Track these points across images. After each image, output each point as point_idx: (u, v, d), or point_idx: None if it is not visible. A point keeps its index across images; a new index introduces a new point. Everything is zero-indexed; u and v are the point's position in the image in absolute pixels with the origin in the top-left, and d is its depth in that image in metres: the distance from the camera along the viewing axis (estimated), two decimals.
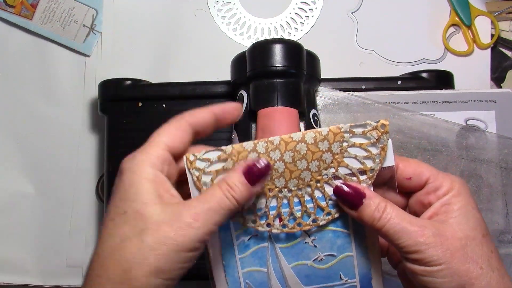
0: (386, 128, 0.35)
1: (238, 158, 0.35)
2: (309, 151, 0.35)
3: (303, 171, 0.36)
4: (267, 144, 0.35)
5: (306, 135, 0.35)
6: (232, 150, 0.35)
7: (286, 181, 0.36)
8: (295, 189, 0.36)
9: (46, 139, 0.61)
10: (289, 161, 0.35)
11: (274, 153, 0.35)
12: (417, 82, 0.55)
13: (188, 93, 0.54)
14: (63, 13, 0.62)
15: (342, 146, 0.35)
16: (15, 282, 0.59)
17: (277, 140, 0.35)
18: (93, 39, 0.62)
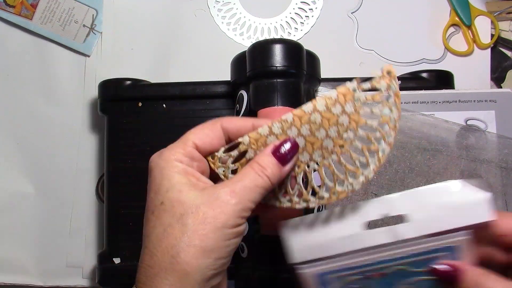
0: (393, 73, 0.34)
1: (258, 146, 0.35)
2: (324, 119, 0.35)
3: (324, 139, 0.35)
4: (281, 124, 0.35)
5: (317, 104, 0.35)
6: (250, 139, 0.35)
7: (310, 154, 0.35)
8: (322, 159, 0.35)
9: (46, 139, 0.61)
10: (307, 134, 0.35)
11: (291, 130, 0.35)
12: (417, 82, 0.54)
13: (188, 93, 0.54)
14: (63, 13, 0.62)
15: (356, 105, 0.34)
16: (15, 282, 0.59)
17: (290, 117, 0.35)
18: (93, 39, 0.62)
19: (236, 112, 0.48)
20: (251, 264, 0.45)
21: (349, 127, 0.35)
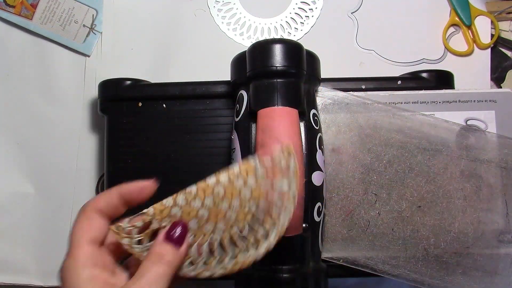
0: (291, 151, 0.37)
1: (162, 216, 0.37)
2: (227, 191, 0.37)
3: (228, 211, 0.37)
4: (185, 196, 0.37)
5: (221, 177, 0.37)
6: (154, 210, 0.37)
7: (214, 224, 0.37)
8: (225, 229, 0.37)
9: (46, 139, 0.61)
10: (211, 205, 0.37)
11: (195, 201, 0.37)
12: (417, 82, 0.54)
13: (188, 93, 0.54)
14: (63, 13, 0.62)
15: (257, 179, 0.37)
16: (15, 282, 0.59)
17: (194, 189, 0.37)
18: (93, 39, 0.62)
19: (236, 112, 0.48)
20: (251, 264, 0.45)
21: (251, 199, 0.37)
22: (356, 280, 0.59)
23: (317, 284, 0.45)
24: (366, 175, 0.51)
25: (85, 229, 0.36)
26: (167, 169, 0.53)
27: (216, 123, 0.54)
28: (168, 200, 0.37)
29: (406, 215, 0.50)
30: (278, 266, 0.44)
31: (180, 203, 0.37)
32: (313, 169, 0.46)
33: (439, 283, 0.49)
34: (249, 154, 0.45)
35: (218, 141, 0.53)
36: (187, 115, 0.54)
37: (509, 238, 0.51)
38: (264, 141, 0.44)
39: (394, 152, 0.51)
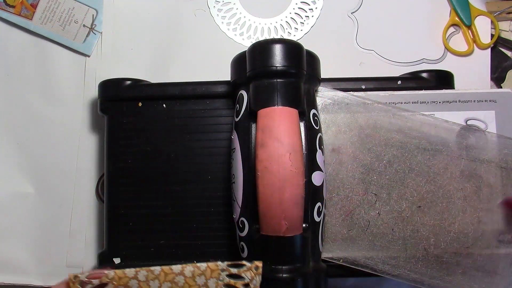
0: (259, 270, 0.38)
1: (119, 283, 0.37)
2: (186, 284, 0.37)
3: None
4: (148, 273, 0.37)
5: (186, 269, 0.37)
6: (114, 275, 0.37)
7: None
8: None
9: (46, 139, 0.61)
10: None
11: (154, 282, 0.37)
12: (417, 82, 0.55)
13: (188, 93, 0.54)
14: (63, 13, 0.62)
15: (218, 283, 0.38)
16: (15, 282, 0.59)
17: (157, 270, 0.37)
18: (93, 39, 0.62)
19: (236, 112, 0.48)
20: None
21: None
22: (356, 280, 0.59)
23: (317, 284, 0.45)
24: (366, 175, 0.51)
25: None
26: (167, 169, 0.53)
27: (216, 123, 0.54)
28: (130, 271, 0.38)
29: (406, 215, 0.50)
30: (278, 266, 0.44)
31: (140, 278, 0.37)
32: (313, 169, 0.46)
33: (439, 283, 0.49)
34: (249, 154, 0.45)
35: (218, 141, 0.53)
36: (187, 115, 0.54)
37: (509, 238, 0.51)
38: (264, 141, 0.44)
39: (394, 152, 0.51)
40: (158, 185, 0.53)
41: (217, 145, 0.53)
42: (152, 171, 0.53)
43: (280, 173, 0.43)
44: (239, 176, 0.46)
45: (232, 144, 0.48)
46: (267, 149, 0.43)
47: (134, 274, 0.37)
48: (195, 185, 0.53)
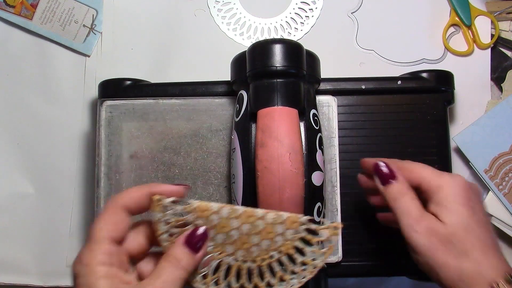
0: (337, 230, 0.38)
1: (199, 216, 0.37)
2: (265, 230, 0.38)
3: (253, 245, 0.38)
4: (230, 211, 0.37)
5: (267, 215, 0.38)
6: (198, 206, 0.37)
7: (235, 249, 0.38)
8: (240, 259, 0.38)
9: (46, 139, 0.61)
10: (244, 232, 0.37)
11: (234, 221, 0.37)
12: (417, 82, 0.55)
13: (188, 93, 0.54)
14: (63, 13, 0.62)
15: (295, 236, 0.38)
16: (15, 282, 0.59)
17: (240, 210, 0.37)
18: (93, 39, 0.62)
19: (236, 112, 0.48)
20: None
21: (279, 248, 0.38)
22: (356, 280, 0.59)
23: (317, 284, 0.45)
24: (168, 171, 0.52)
25: (108, 226, 0.36)
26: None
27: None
28: (214, 205, 0.37)
29: (216, 199, 0.52)
30: None
31: (222, 214, 0.37)
32: (313, 169, 0.46)
33: None
34: (249, 154, 0.45)
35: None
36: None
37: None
38: (264, 141, 0.44)
39: (189, 142, 0.53)
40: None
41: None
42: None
43: (280, 173, 0.43)
44: (239, 176, 0.46)
45: (232, 144, 0.48)
46: (267, 149, 0.43)
47: (217, 209, 0.37)
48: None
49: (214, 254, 0.38)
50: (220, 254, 0.38)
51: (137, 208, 0.37)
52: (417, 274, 0.53)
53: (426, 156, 0.53)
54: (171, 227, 0.37)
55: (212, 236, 0.37)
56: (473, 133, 0.57)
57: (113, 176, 0.52)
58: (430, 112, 0.54)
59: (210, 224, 0.37)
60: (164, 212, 0.37)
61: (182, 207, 0.37)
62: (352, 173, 0.53)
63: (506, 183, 0.56)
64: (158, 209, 0.37)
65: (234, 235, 0.37)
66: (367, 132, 0.54)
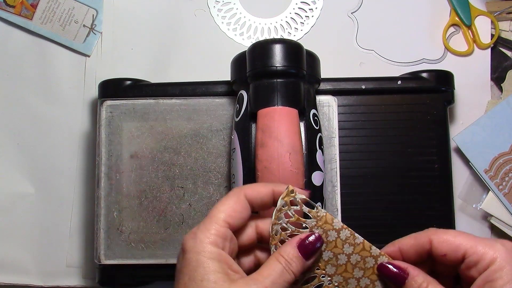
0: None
1: (320, 225, 0.36)
2: (372, 269, 0.37)
3: (354, 278, 0.37)
4: (350, 236, 0.37)
5: (380, 257, 0.37)
6: (323, 216, 0.36)
7: (335, 273, 0.37)
8: (335, 284, 0.37)
9: (46, 139, 0.61)
10: (352, 262, 0.37)
11: (348, 247, 0.37)
12: (417, 82, 0.55)
13: (188, 93, 0.54)
14: (63, 13, 0.62)
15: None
16: (15, 282, 0.59)
17: (359, 240, 0.37)
18: (93, 39, 0.62)
19: (236, 112, 0.48)
20: None
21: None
22: None
23: None
24: (169, 171, 0.52)
25: (229, 211, 0.35)
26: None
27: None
28: (338, 223, 0.37)
29: (216, 199, 0.52)
30: None
31: (342, 236, 0.37)
32: (313, 169, 0.46)
33: None
34: (249, 154, 0.45)
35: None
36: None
37: None
38: (264, 141, 0.44)
39: (189, 142, 0.53)
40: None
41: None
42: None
43: (280, 173, 0.43)
44: (239, 176, 0.46)
45: (232, 144, 0.48)
46: (267, 149, 0.43)
47: (339, 228, 0.36)
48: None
49: (314, 267, 0.37)
50: (318, 270, 0.37)
51: (259, 203, 0.37)
52: None
53: (426, 156, 0.53)
54: (289, 222, 0.36)
55: (322, 249, 0.37)
56: (473, 133, 0.57)
57: (113, 176, 0.52)
58: (430, 112, 0.54)
59: (325, 238, 0.37)
60: (288, 207, 0.36)
61: (308, 209, 0.36)
62: (352, 173, 0.53)
63: (506, 183, 0.56)
64: (286, 198, 0.36)
65: (341, 259, 0.37)
66: (367, 132, 0.54)
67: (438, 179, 0.53)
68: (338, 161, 0.51)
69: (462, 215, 0.58)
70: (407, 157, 0.53)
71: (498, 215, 0.56)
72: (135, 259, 0.52)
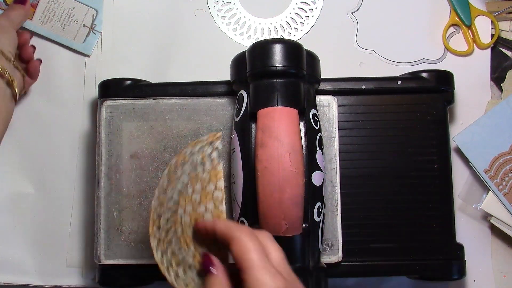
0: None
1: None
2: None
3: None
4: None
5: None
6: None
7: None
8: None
9: (46, 139, 0.61)
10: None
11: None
12: (417, 82, 0.55)
13: (188, 93, 0.54)
14: (63, 13, 0.62)
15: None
16: (15, 282, 0.59)
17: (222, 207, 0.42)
18: (93, 39, 0.62)
19: (236, 112, 0.48)
20: None
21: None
22: (356, 280, 0.59)
23: (317, 284, 0.45)
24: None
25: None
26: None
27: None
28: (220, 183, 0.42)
29: None
30: None
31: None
32: (313, 169, 0.46)
33: None
34: (249, 154, 0.45)
35: None
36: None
37: None
38: (264, 141, 0.44)
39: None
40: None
41: None
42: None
43: (280, 173, 0.43)
44: (239, 176, 0.46)
45: (232, 144, 0.48)
46: (267, 149, 0.43)
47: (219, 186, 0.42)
48: None
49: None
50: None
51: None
52: (417, 274, 0.53)
53: (426, 156, 0.53)
54: None
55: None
56: (473, 133, 0.57)
57: (113, 176, 0.52)
58: (430, 112, 0.54)
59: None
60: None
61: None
62: (352, 173, 0.53)
63: (506, 183, 0.56)
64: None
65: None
66: (367, 132, 0.54)
67: (438, 179, 0.53)
68: (338, 161, 0.51)
69: (462, 215, 0.58)
70: (407, 157, 0.53)
71: (498, 215, 0.56)
72: (135, 259, 0.52)
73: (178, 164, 0.42)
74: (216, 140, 0.43)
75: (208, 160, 0.42)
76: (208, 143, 0.43)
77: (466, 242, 0.54)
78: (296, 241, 0.44)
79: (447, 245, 0.52)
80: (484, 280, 0.58)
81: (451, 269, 0.52)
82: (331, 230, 0.51)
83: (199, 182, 0.42)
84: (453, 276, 0.53)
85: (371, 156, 0.54)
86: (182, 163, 0.42)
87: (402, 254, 0.52)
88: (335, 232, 0.51)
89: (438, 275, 0.52)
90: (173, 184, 0.42)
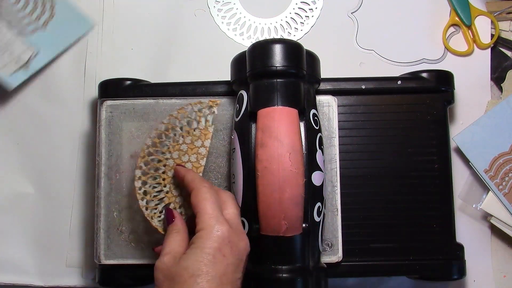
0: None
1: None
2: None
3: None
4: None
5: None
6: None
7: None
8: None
9: (46, 139, 0.61)
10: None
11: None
12: (417, 82, 0.55)
13: (188, 93, 0.54)
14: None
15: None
16: (15, 282, 0.59)
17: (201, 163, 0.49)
18: (23, 75, 0.59)
19: (236, 112, 0.48)
20: (251, 264, 0.45)
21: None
22: (356, 280, 0.59)
23: (317, 284, 0.45)
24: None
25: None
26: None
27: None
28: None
29: None
30: (278, 266, 0.44)
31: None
32: (313, 169, 0.46)
33: None
34: (249, 154, 0.45)
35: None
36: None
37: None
38: (264, 141, 0.44)
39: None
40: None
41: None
42: None
43: (280, 173, 0.43)
44: (239, 176, 0.46)
45: (232, 144, 0.48)
46: (267, 149, 0.43)
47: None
48: None
49: None
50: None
51: None
52: (417, 274, 0.53)
53: (426, 156, 0.53)
54: None
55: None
56: (473, 133, 0.57)
57: (113, 176, 0.52)
58: (430, 112, 0.54)
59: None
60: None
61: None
62: (352, 173, 0.53)
63: (506, 183, 0.56)
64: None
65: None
66: (367, 132, 0.54)
67: (438, 179, 0.53)
68: (338, 161, 0.51)
69: (462, 215, 0.58)
70: (407, 157, 0.53)
71: (498, 215, 0.56)
72: (135, 259, 0.52)
73: (179, 115, 0.50)
74: (215, 106, 0.51)
75: (203, 120, 0.50)
76: (207, 106, 0.51)
77: (466, 242, 0.54)
78: (296, 241, 0.44)
79: (447, 245, 0.52)
80: (484, 280, 0.58)
81: (451, 269, 0.52)
82: (331, 230, 0.51)
83: (190, 136, 0.49)
84: (453, 276, 0.53)
85: (371, 156, 0.54)
86: (182, 116, 0.50)
87: (402, 254, 0.52)
88: (335, 232, 0.51)
89: (438, 275, 0.52)
90: (169, 132, 0.49)
